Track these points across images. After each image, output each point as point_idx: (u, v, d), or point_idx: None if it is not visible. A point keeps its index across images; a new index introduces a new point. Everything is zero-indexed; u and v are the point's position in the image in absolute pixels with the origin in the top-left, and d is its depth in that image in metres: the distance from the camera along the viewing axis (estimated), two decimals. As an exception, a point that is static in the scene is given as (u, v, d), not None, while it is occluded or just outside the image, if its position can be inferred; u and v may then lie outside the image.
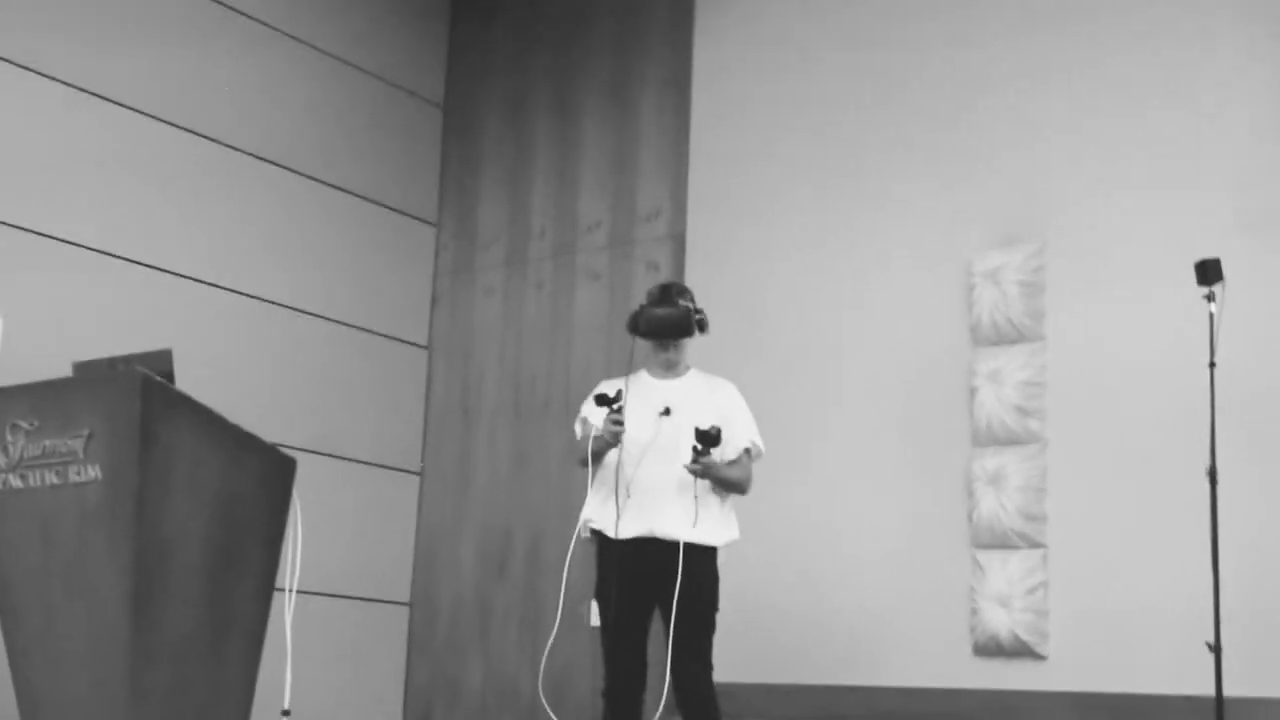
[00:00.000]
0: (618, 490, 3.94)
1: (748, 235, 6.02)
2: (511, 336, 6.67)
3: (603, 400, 3.95)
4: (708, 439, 3.93)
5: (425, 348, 6.92)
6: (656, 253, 6.23)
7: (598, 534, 4.12)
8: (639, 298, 5.58)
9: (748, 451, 4.22)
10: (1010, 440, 5.33)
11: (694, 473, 3.94)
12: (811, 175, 5.92)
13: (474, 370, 6.75)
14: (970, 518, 5.35)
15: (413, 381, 6.87)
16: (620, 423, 3.93)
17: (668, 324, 4.06)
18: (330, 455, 6.40)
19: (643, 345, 4.18)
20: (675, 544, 3.96)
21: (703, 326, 4.17)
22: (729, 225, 6.08)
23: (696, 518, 3.94)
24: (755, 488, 4.38)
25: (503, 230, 6.79)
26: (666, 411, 4.08)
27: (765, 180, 6.01)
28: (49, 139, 5.57)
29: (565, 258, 6.57)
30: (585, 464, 4.08)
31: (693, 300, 4.20)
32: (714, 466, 4.01)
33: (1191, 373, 4.60)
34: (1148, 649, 4.98)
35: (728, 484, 4.13)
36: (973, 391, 5.43)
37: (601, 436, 3.96)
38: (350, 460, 6.52)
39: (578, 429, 4.22)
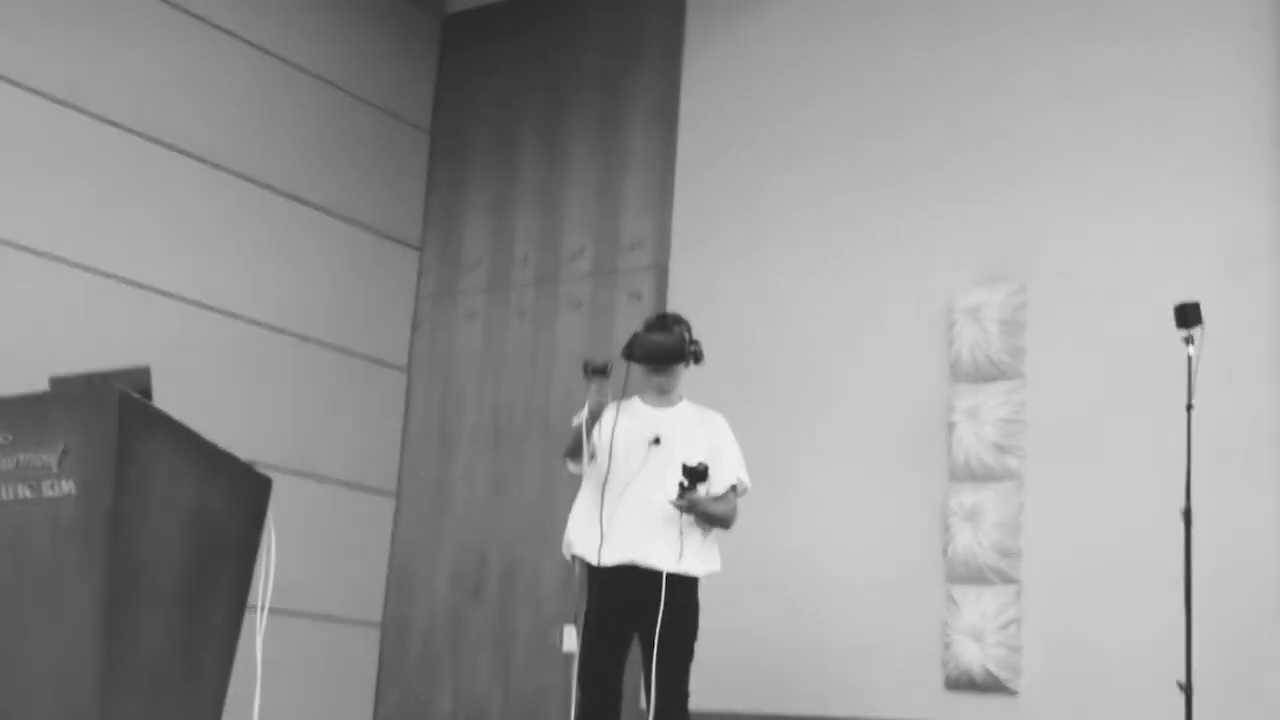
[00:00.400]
0: (602, 515, 3.92)
1: (731, 268, 6.03)
2: (492, 362, 6.64)
3: (594, 370, 3.92)
4: (695, 475, 3.92)
5: (405, 370, 6.90)
6: (639, 283, 6.23)
7: (580, 560, 4.10)
8: (621, 327, 5.94)
9: (734, 488, 4.20)
10: (988, 476, 5.34)
11: (680, 508, 3.93)
12: (795, 212, 5.94)
13: (453, 394, 6.72)
14: (946, 552, 5.35)
15: (391, 404, 6.85)
16: (604, 395, 3.88)
17: (662, 350, 4.04)
18: (306, 475, 6.38)
19: (637, 372, 4.16)
20: (658, 574, 3.95)
21: (697, 358, 4.15)
22: (712, 257, 6.10)
23: (682, 551, 3.94)
24: (737, 518, 4.36)
25: (486, 256, 6.80)
26: (656, 441, 4.06)
27: (749, 214, 6.03)
28: (31, 153, 5.57)
29: (548, 285, 6.55)
30: (576, 451, 4.03)
31: (689, 330, 4.21)
32: (699, 502, 3.99)
33: (1169, 414, 4.60)
34: (1119, 687, 4.96)
35: (712, 519, 4.11)
36: (951, 427, 5.43)
37: (593, 411, 3.93)
38: (326, 480, 6.50)
39: (577, 418, 4.19)
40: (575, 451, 4.13)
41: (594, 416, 3.99)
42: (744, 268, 5.99)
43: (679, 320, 4.22)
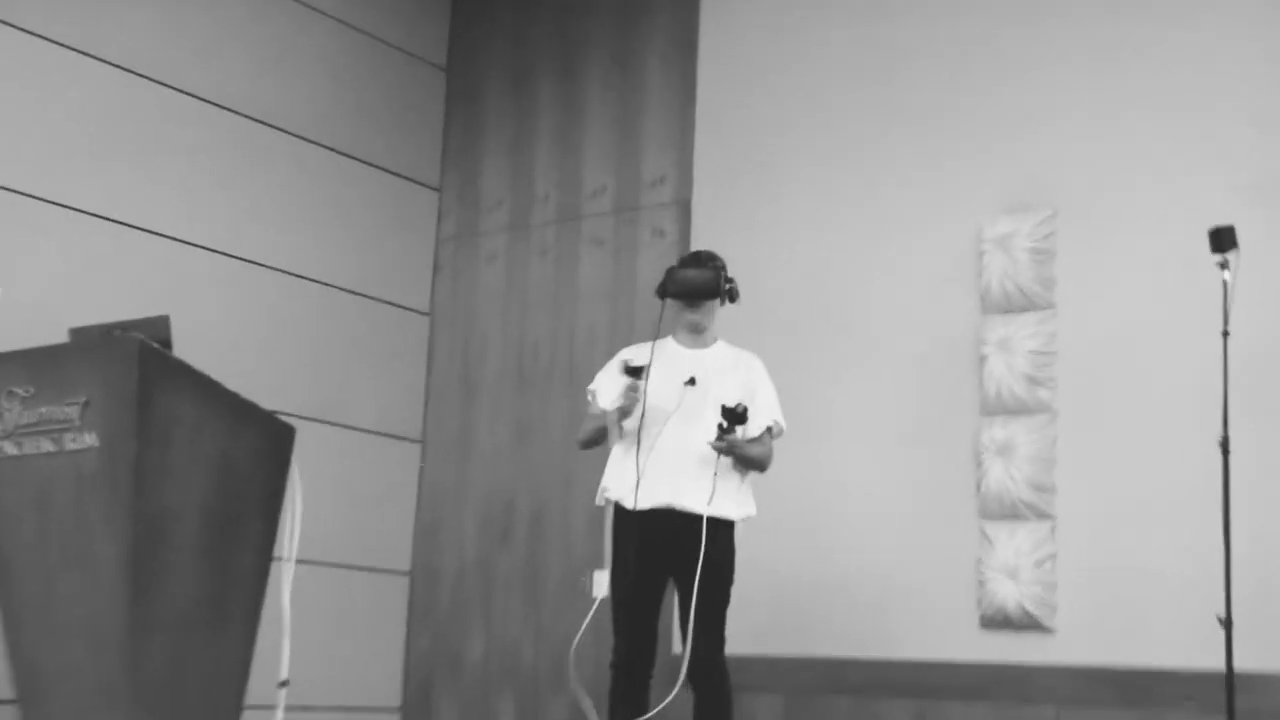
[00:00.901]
0: (638, 458, 3.90)
1: (754, 202, 5.94)
2: (515, 303, 6.60)
3: (632, 371, 3.92)
4: (734, 416, 3.88)
5: (427, 314, 6.85)
6: (662, 219, 6.15)
7: (614, 504, 4.07)
8: (645, 264, 5.93)
9: (769, 429, 4.18)
10: (1020, 410, 5.27)
11: (719, 450, 3.91)
12: (819, 143, 5.85)
13: (476, 338, 6.68)
14: (978, 488, 5.30)
15: (414, 349, 6.79)
16: (637, 392, 3.88)
17: (696, 285, 4.02)
18: (330, 423, 6.32)
19: (670, 310, 4.15)
20: (694, 517, 3.92)
21: (733, 296, 4.14)
22: (735, 192, 6.00)
23: (714, 492, 3.90)
24: (772, 461, 4.35)
25: (506, 195, 6.71)
26: (691, 381, 4.03)
27: (773, 147, 5.94)
28: (46, 103, 5.50)
29: (569, 224, 6.48)
30: (595, 441, 4.08)
31: (724, 269, 4.18)
32: (738, 445, 3.97)
33: (1204, 342, 4.52)
34: (1157, 622, 4.93)
35: (749, 461, 4.09)
36: (982, 360, 5.37)
37: (623, 408, 3.93)
38: (350, 428, 6.44)
39: (592, 400, 4.21)
40: (593, 441, 4.14)
41: (624, 414, 3.98)
42: (769, 202, 5.89)
43: (714, 257, 4.19)
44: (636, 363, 3.94)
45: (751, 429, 4.05)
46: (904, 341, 5.55)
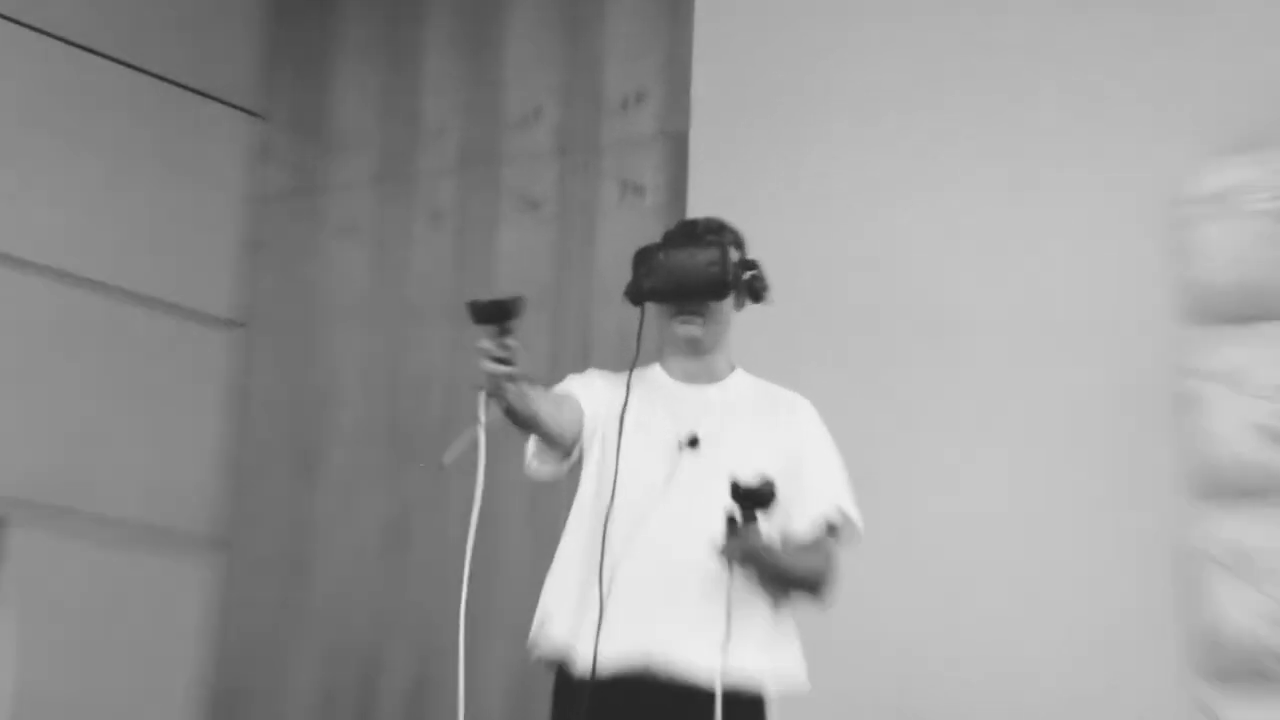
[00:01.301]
0: (601, 575, 3.69)
1: (794, 138, 5.76)
2: (387, 305, 6.54)
3: (485, 313, 3.59)
4: (753, 499, 3.61)
5: (236, 326, 6.89)
6: (638, 164, 6.04)
7: (555, 665, 3.84)
8: (610, 240, 5.81)
9: (832, 527, 3.90)
10: (1262, 489, 5.06)
11: (730, 559, 3.63)
12: (900, 45, 5.75)
13: (321, 368, 6.62)
14: (1192, 626, 5.12)
15: (212, 384, 6.86)
16: (507, 360, 3.56)
17: (690, 276, 3.80)
18: (74, 510, 6.42)
19: (655, 322, 3.88)
20: (691, 691, 3.68)
21: (756, 292, 3.92)
22: (760, 121, 5.81)
23: (729, 635, 3.60)
24: (837, 582, 3.98)
25: (373, 128, 6.72)
26: (693, 442, 3.80)
27: (821, 51, 5.81)
28: None
29: (481, 172, 6.42)
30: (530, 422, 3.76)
31: (738, 244, 3.94)
32: (765, 552, 3.69)
33: None
34: None
35: (789, 580, 3.83)
36: (1191, 402, 5.20)
37: (495, 392, 3.62)
38: (103, 521, 6.50)
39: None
40: (530, 419, 3.79)
41: (511, 416, 3.73)
42: (815, 139, 5.74)
43: (721, 228, 3.94)
44: (487, 300, 3.62)
45: (796, 524, 3.81)
46: (1046, 367, 5.43)
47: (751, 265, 3.96)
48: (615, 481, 3.78)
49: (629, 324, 4.01)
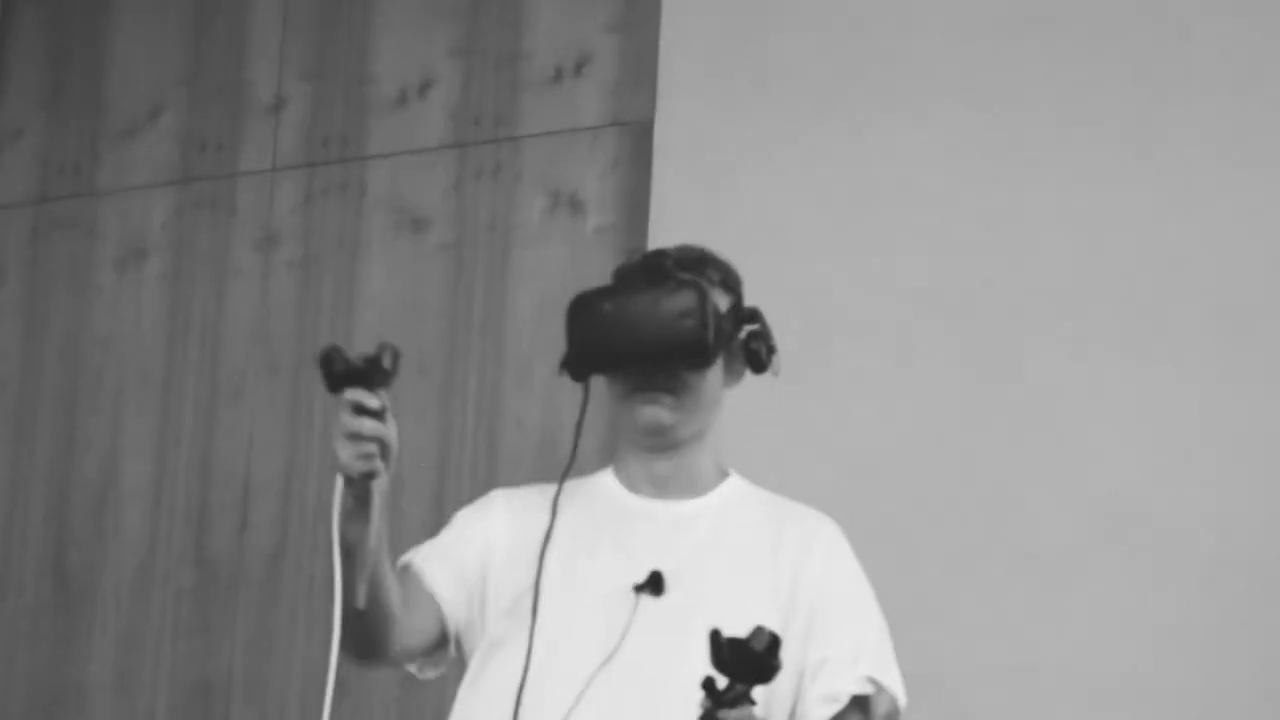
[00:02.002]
0: None
1: (808, 126, 4.98)
2: (188, 370, 5.46)
3: (339, 372, 2.95)
4: (747, 661, 2.92)
5: None
6: (576, 166, 5.16)
7: None
8: (530, 275, 5.24)
9: (860, 704, 3.27)
10: None
11: None
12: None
13: (86, 457, 5.57)
14: None
15: None
16: (379, 439, 2.95)
17: (654, 334, 3.28)
18: None
19: (604, 403, 3.34)
20: None
21: (756, 356, 3.34)
22: (763, 106, 4.99)
23: None
24: None
25: (177, 104, 5.65)
26: (653, 585, 3.23)
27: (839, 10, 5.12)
28: None
29: (335, 174, 5.42)
30: (366, 636, 3.14)
31: (729, 285, 3.40)
32: None
33: None
34: None
35: None
36: None
37: (347, 503, 2.97)
38: None
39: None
40: (367, 630, 3.18)
41: (349, 517, 2.99)
42: (825, 121, 4.97)
43: (703, 261, 3.39)
44: (345, 354, 2.95)
45: (809, 706, 3.21)
46: (1153, 392, 4.60)
47: (750, 317, 3.40)
48: (529, 652, 3.17)
49: (561, 407, 4.14)
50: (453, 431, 5.13)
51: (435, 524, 4.62)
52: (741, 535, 3.36)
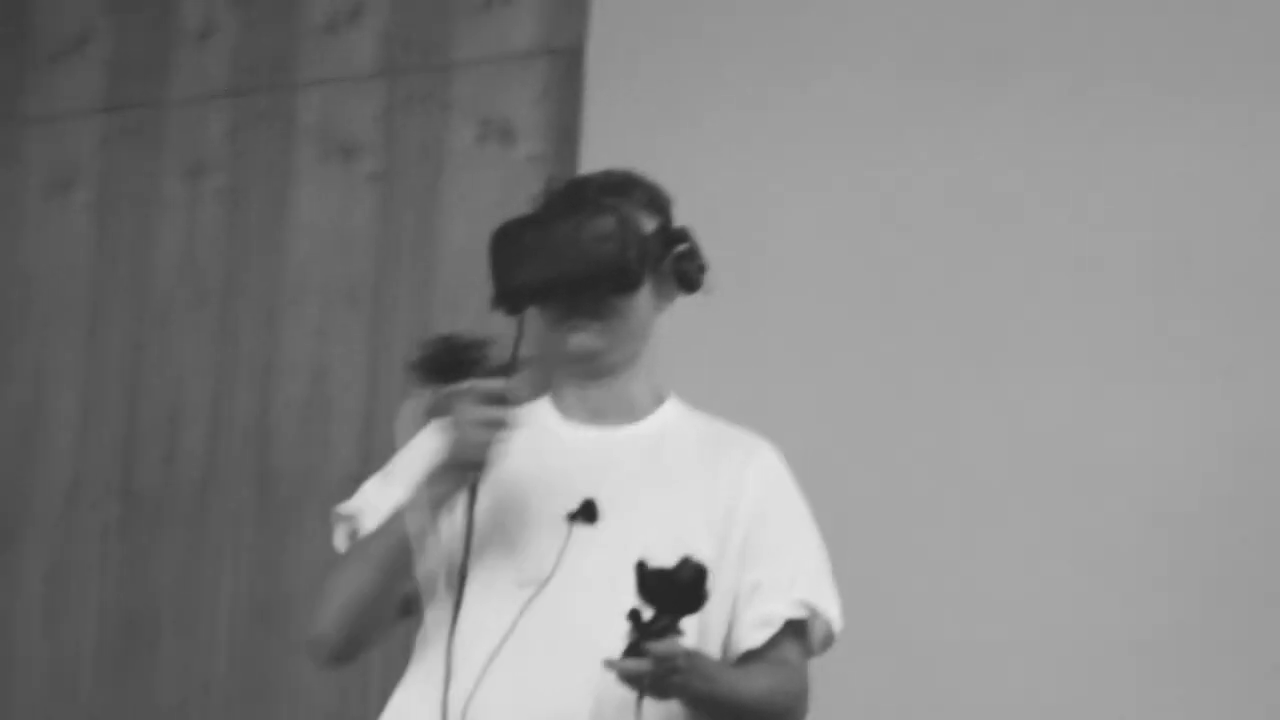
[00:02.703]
0: (445, 696, 3.06)
1: (733, 50, 5.01)
2: (119, 300, 5.43)
3: (434, 365, 3.11)
4: (674, 590, 2.93)
5: None
6: (507, 93, 5.16)
7: None
8: (461, 204, 5.21)
9: (796, 629, 3.20)
10: None
11: (636, 683, 2.88)
12: None
13: (22, 387, 5.58)
14: None
15: None
16: (501, 424, 3.08)
17: (575, 260, 3.28)
18: None
19: (539, 335, 3.28)
20: None
21: (687, 275, 3.31)
22: (697, 28, 5.01)
23: None
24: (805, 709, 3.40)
25: (100, 30, 5.63)
26: (585, 513, 3.19)
27: None
28: None
29: (262, 102, 5.42)
30: (357, 624, 3.20)
31: (656, 205, 3.33)
32: (690, 669, 2.95)
33: None
34: None
35: (724, 709, 3.13)
36: None
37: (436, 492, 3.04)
38: None
39: (341, 539, 3.36)
40: (361, 617, 3.23)
41: (437, 504, 3.09)
42: (767, 62, 4.98)
43: (627, 184, 3.34)
44: (439, 343, 3.11)
45: (743, 629, 3.17)
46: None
47: (679, 236, 3.34)
48: (462, 585, 3.13)
49: (490, 335, 3.50)
50: (381, 360, 5.10)
51: (364, 452, 4.62)
52: (677, 460, 3.31)
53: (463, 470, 3.07)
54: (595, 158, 4.67)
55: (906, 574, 4.49)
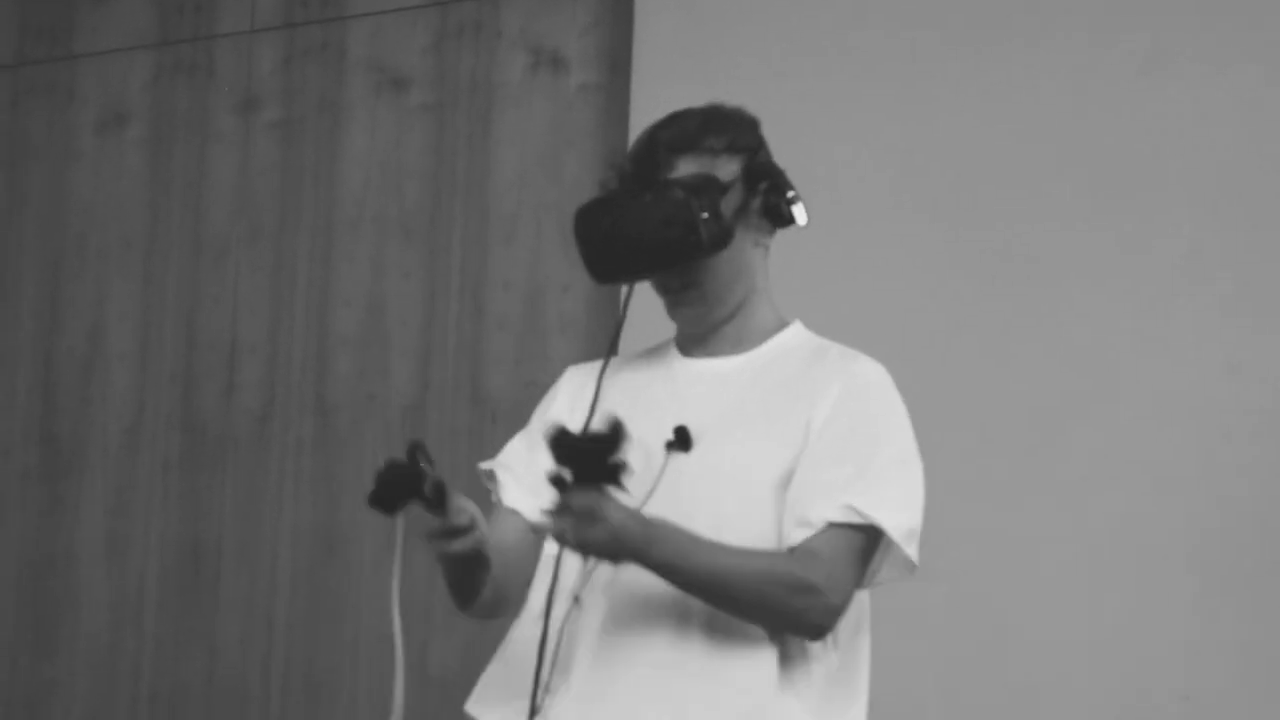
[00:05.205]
0: (546, 633, 3.13)
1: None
2: (172, 237, 5.41)
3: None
4: (582, 460, 3.00)
5: None
6: (557, 24, 5.14)
7: None
8: (514, 135, 5.22)
9: (850, 537, 3.10)
10: None
11: (556, 536, 3.01)
12: None
13: (78, 322, 5.55)
14: None
15: None
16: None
17: (645, 244, 3.26)
18: None
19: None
20: None
21: (777, 210, 3.23)
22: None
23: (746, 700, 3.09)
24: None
25: None
26: (679, 441, 3.21)
27: None
28: None
29: (314, 35, 5.41)
30: (469, 592, 3.22)
31: (739, 147, 3.22)
32: (629, 533, 3.01)
33: None
34: None
35: (699, 583, 3.13)
36: None
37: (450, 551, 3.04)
38: None
39: (496, 491, 3.42)
40: (467, 590, 3.25)
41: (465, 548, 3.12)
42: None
43: (702, 133, 3.23)
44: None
45: (788, 521, 3.15)
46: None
47: (762, 173, 3.22)
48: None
49: (546, 265, 4.18)
50: (438, 292, 5.14)
51: (421, 381, 4.70)
52: (781, 383, 3.29)
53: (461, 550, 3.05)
54: (646, 87, 4.81)
55: (965, 501, 4.36)
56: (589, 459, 2.98)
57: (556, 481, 3.00)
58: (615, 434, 2.97)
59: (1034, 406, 4.57)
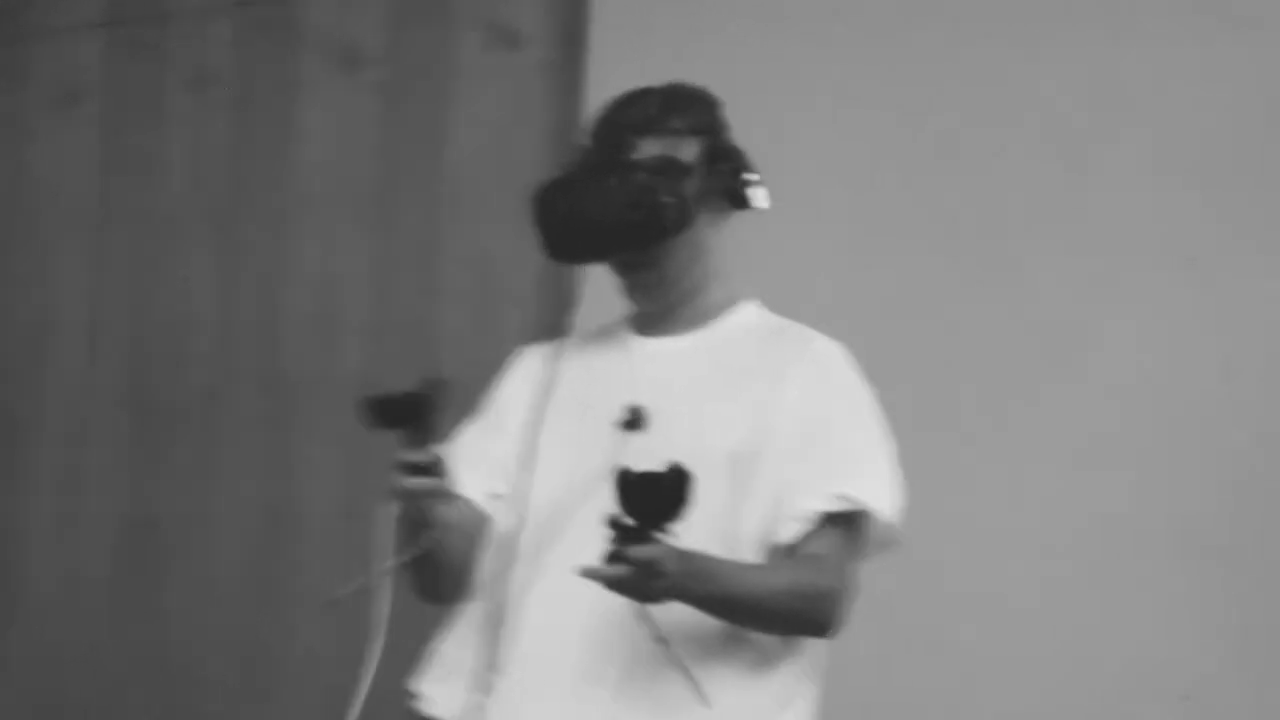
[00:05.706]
0: (490, 633, 3.21)
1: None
2: (126, 211, 5.43)
3: (393, 411, 3.13)
4: (650, 500, 2.94)
5: None
6: None
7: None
8: (467, 112, 5.18)
9: (841, 524, 3.17)
10: None
11: (611, 586, 2.91)
12: None
13: (30, 301, 5.56)
14: None
15: None
16: (431, 470, 3.09)
17: (606, 226, 3.28)
18: None
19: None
20: None
21: (737, 194, 3.30)
22: None
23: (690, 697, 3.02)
24: (840, 611, 3.32)
25: None
26: (632, 422, 3.24)
27: None
28: None
29: (267, 11, 5.37)
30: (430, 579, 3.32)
31: (700, 129, 3.27)
32: (679, 574, 2.95)
33: None
34: None
35: (733, 608, 3.12)
36: None
37: (417, 517, 3.15)
38: None
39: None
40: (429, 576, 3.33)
41: (415, 522, 3.21)
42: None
43: (663, 115, 3.28)
44: (383, 394, 3.13)
45: (780, 519, 3.16)
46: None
47: (726, 154, 3.29)
48: (529, 490, 3.28)
49: (499, 243, 4.12)
50: (390, 268, 5.12)
51: (371, 358, 4.70)
52: (735, 362, 3.34)
53: (414, 528, 3.20)
54: (603, 64, 4.76)
55: (955, 496, 4.28)
56: (665, 500, 2.95)
57: (615, 525, 3.07)
58: (683, 477, 2.94)
59: (1028, 402, 4.47)
